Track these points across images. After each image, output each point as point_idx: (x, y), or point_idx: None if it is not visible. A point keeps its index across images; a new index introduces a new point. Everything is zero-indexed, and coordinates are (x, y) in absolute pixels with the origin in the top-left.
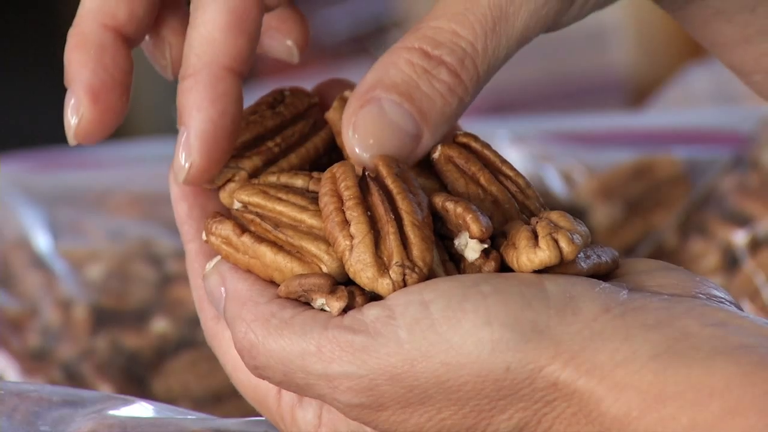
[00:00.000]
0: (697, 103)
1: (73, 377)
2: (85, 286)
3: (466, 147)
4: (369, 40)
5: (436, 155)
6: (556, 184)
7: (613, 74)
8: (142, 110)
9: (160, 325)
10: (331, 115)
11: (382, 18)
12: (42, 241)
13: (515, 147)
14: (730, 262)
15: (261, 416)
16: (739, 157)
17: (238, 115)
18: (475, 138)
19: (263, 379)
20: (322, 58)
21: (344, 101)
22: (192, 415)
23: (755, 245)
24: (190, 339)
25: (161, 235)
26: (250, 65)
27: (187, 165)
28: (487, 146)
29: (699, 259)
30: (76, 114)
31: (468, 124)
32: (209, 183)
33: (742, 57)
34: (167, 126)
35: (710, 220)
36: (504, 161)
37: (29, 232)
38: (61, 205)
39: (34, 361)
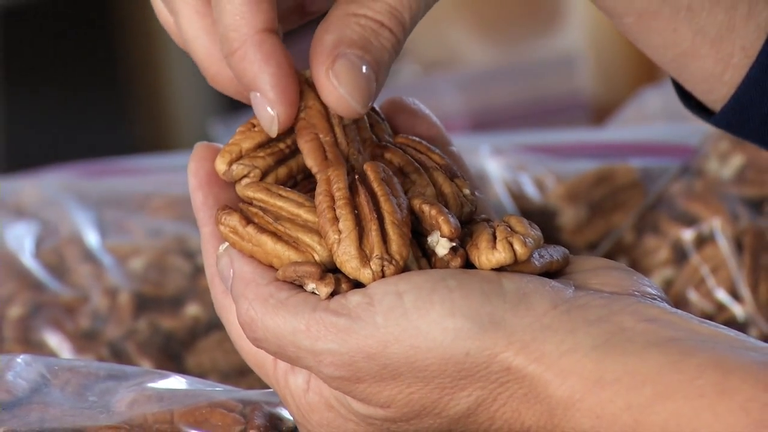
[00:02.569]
0: (650, 121)
1: (118, 354)
2: (129, 276)
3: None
4: None
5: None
6: (530, 190)
7: (578, 97)
8: (179, 126)
9: (192, 310)
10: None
11: None
12: (92, 238)
13: (495, 158)
14: (679, 255)
15: None
16: (687, 166)
17: (290, 64)
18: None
19: (261, 349)
20: None
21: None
22: (219, 387)
23: (700, 241)
24: (218, 321)
25: (194, 233)
26: (279, 25)
27: (275, 114)
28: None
29: (652, 254)
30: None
31: (455, 140)
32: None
33: (614, 0)
34: (200, 140)
35: (662, 220)
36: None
37: (81, 231)
38: (108, 207)
39: (84, 340)
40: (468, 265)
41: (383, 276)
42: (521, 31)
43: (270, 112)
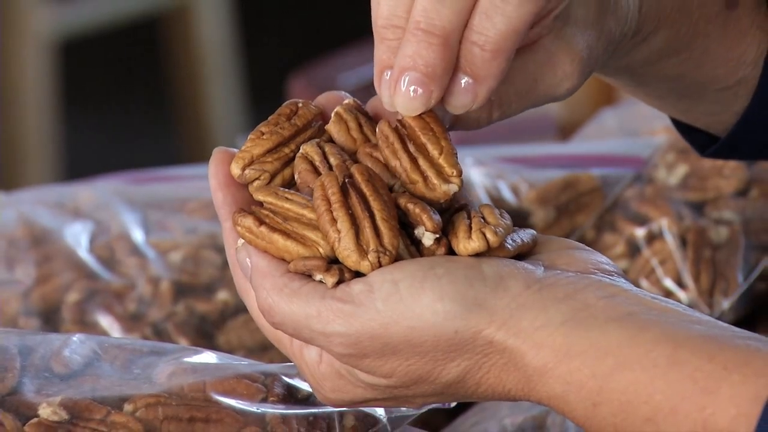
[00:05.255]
0: (608, 136)
1: (159, 334)
2: (169, 267)
3: (398, 127)
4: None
5: (377, 130)
6: (507, 194)
7: (547, 116)
8: (213, 141)
9: (222, 295)
10: (330, 126)
11: None
12: (138, 235)
13: (477, 168)
14: (633, 250)
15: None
16: (639, 174)
17: None
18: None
19: (279, 330)
20: None
21: (339, 116)
22: (245, 361)
23: (651, 238)
24: (244, 306)
25: None
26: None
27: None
28: (420, 119)
29: (610, 248)
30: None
31: None
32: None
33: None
34: None
35: (618, 220)
36: (427, 132)
37: (129, 229)
38: (152, 209)
39: (131, 322)
40: (452, 250)
41: (380, 265)
42: None
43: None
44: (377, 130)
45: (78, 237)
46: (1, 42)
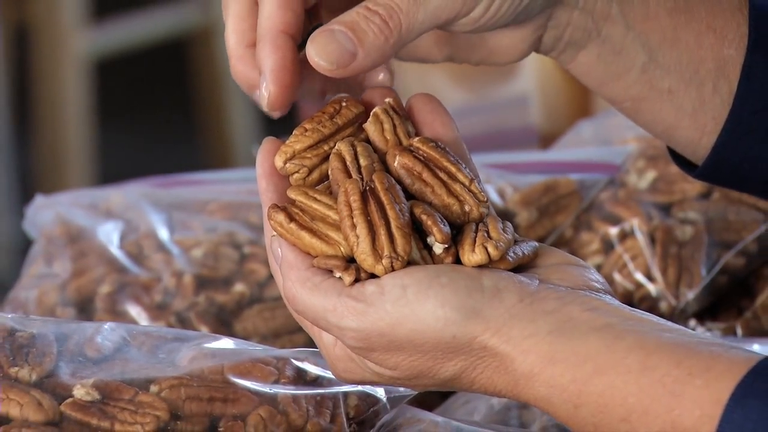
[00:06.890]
0: (584, 145)
1: (182, 322)
2: (191, 262)
3: (415, 151)
4: None
5: (395, 164)
6: (494, 197)
7: (530, 127)
8: (232, 150)
9: (239, 287)
10: (367, 126)
11: None
12: (163, 233)
13: None
14: (607, 247)
15: (307, 347)
16: (612, 179)
17: (294, 60)
18: (425, 141)
19: (301, 315)
20: None
21: (376, 116)
22: (259, 347)
23: (623, 236)
24: (259, 296)
25: (241, 230)
26: (299, 32)
27: (266, 93)
28: (435, 147)
29: (586, 246)
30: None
31: None
32: (282, 110)
33: (613, 90)
34: (250, 161)
35: (594, 220)
36: (450, 161)
37: (155, 228)
38: (176, 210)
39: (157, 311)
40: (458, 257)
41: (392, 269)
42: (486, 78)
43: (264, 92)
44: (397, 163)
45: (110, 235)
46: (44, 62)
